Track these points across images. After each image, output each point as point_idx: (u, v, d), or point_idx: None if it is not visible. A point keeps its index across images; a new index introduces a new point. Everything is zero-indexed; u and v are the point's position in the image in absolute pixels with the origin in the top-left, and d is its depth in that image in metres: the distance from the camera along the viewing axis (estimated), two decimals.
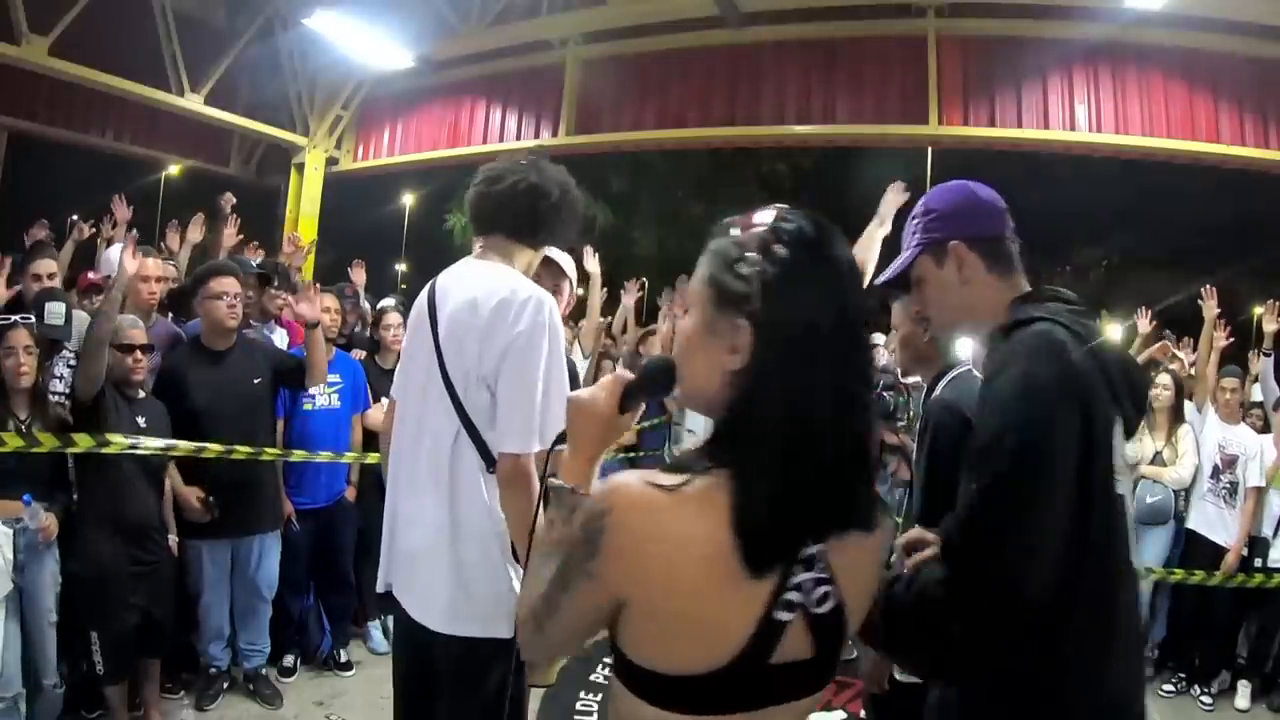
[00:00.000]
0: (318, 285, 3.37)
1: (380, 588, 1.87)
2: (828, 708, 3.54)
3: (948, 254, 1.29)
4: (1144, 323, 4.74)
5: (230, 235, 4.71)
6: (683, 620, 0.84)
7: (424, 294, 1.82)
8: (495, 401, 1.64)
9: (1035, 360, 1.14)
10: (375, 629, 3.96)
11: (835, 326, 0.86)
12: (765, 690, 0.87)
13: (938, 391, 1.81)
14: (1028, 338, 1.17)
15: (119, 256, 2.91)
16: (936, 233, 1.30)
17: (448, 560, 1.67)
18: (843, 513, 0.87)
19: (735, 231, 0.91)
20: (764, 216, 0.90)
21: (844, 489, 0.87)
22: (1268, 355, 4.38)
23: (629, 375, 1.02)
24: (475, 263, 1.79)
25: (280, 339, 3.93)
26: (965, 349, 1.83)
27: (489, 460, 1.66)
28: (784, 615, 0.85)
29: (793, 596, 0.85)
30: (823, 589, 0.87)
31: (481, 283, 1.69)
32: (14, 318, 2.80)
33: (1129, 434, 1.25)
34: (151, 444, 2.88)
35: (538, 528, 0.98)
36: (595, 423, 1.00)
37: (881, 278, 1.42)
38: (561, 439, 1.06)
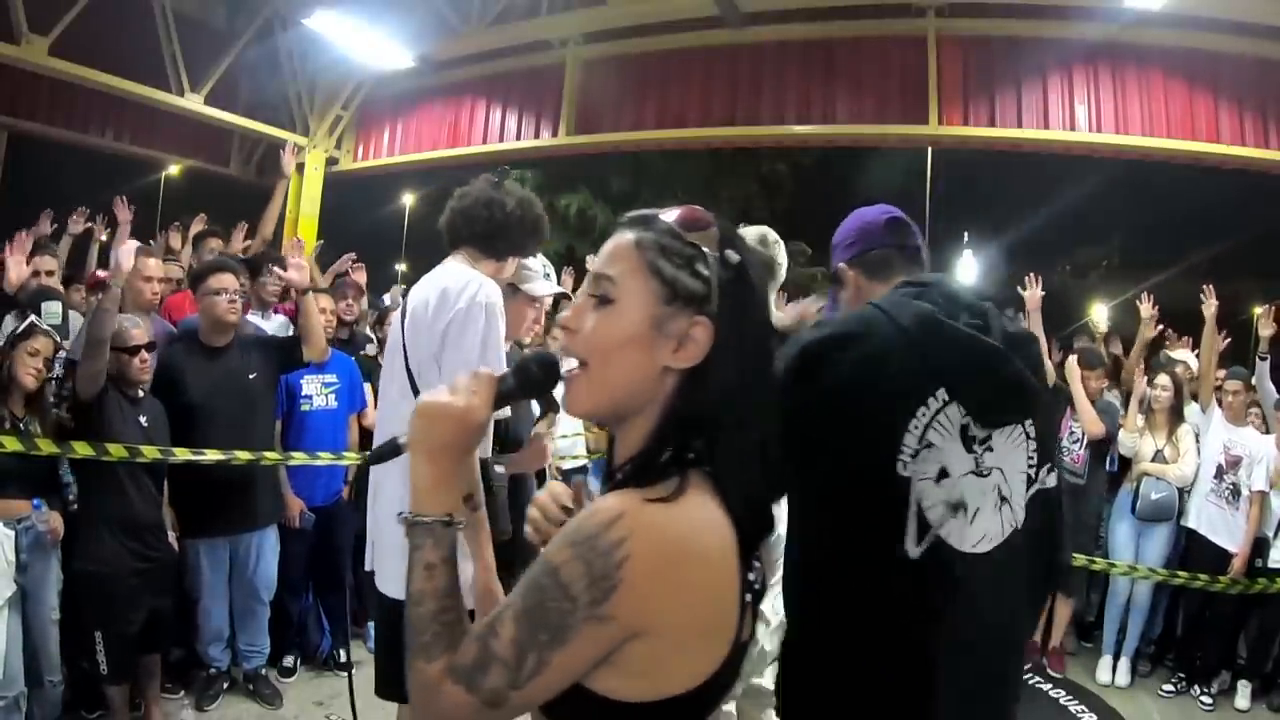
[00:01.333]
0: (301, 249, 3.45)
1: (366, 566, 2.05)
2: None
3: (841, 277, 1.47)
4: (1146, 307, 4.74)
5: (273, 216, 4.81)
6: (706, 626, 0.81)
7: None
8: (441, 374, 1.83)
9: (815, 332, 1.24)
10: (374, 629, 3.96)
11: (769, 328, 0.92)
12: (731, 679, 0.86)
13: None
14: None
15: (120, 255, 2.93)
16: (833, 263, 1.50)
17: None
18: (783, 488, 0.94)
19: (675, 228, 0.88)
20: (697, 215, 0.90)
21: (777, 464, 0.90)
22: (1263, 359, 4.38)
23: (496, 373, 0.92)
24: (437, 269, 2.00)
25: (279, 326, 3.91)
26: None
27: None
28: (748, 597, 0.85)
29: (751, 576, 0.86)
30: (758, 564, 0.88)
31: (435, 280, 1.93)
32: (32, 318, 2.83)
33: (988, 420, 1.20)
34: (151, 452, 2.89)
35: (414, 581, 0.83)
36: (462, 431, 0.87)
37: (826, 313, 1.59)
38: (392, 451, 0.93)
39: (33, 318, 2.84)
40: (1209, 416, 4.28)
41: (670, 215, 0.90)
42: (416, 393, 1.85)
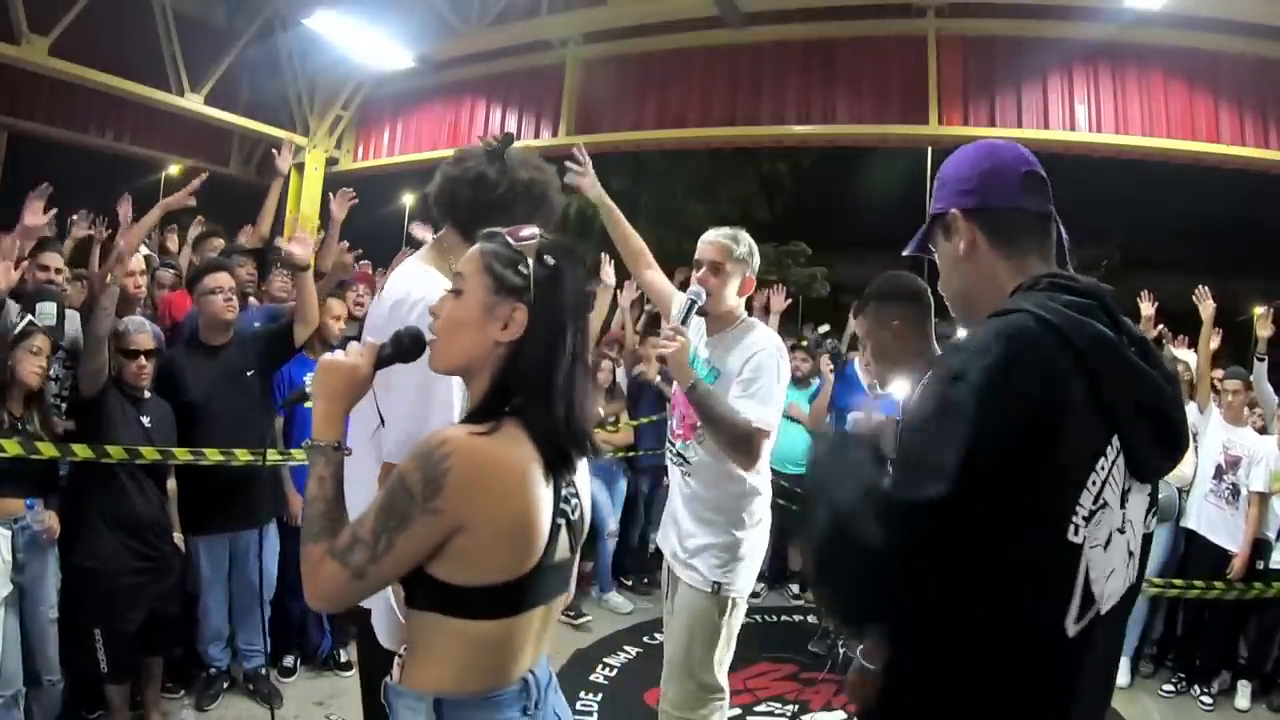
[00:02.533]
0: (320, 234, 3.38)
1: None
2: (827, 708, 3.55)
3: (951, 225, 1.13)
4: (1146, 305, 4.74)
5: (269, 214, 4.84)
6: (512, 528, 1.09)
7: None
8: (378, 403, 1.59)
9: (971, 352, 0.93)
10: None
11: (577, 315, 1.20)
12: (550, 585, 1.16)
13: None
14: (990, 324, 0.97)
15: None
16: (941, 201, 1.15)
17: None
18: (584, 440, 1.20)
19: (509, 240, 1.19)
20: (530, 231, 1.21)
21: (583, 421, 1.19)
22: (1261, 360, 4.36)
23: (377, 342, 1.24)
24: (409, 263, 1.75)
25: None
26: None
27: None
28: (560, 521, 1.15)
29: (565, 507, 1.16)
30: (575, 499, 1.20)
31: (395, 284, 1.68)
32: (29, 318, 2.80)
33: (1142, 473, 0.99)
34: (150, 453, 2.88)
35: (310, 488, 1.15)
36: (349, 382, 1.20)
37: (906, 249, 1.25)
38: (301, 396, 1.26)
39: (29, 317, 2.83)
40: (1207, 417, 4.28)
41: (510, 232, 1.20)
42: (376, 399, 1.60)
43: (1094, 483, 0.93)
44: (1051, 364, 0.91)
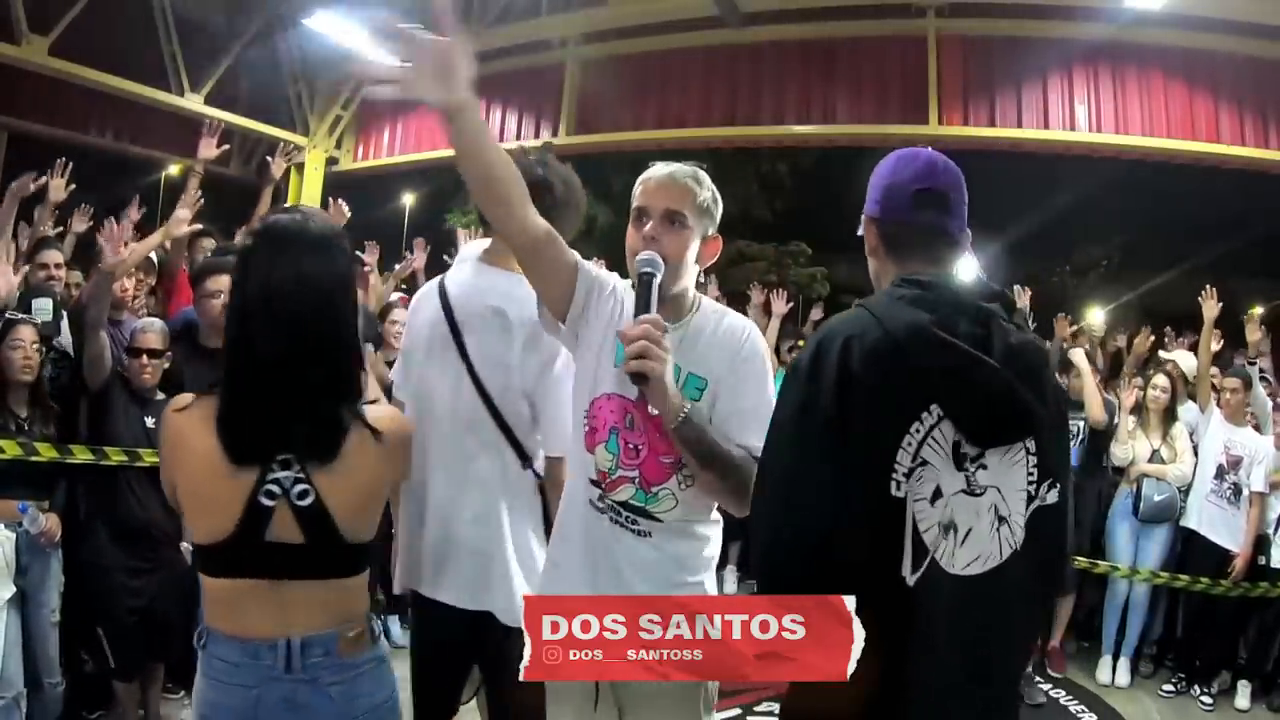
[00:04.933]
0: None
1: (399, 589, 1.89)
2: None
3: (864, 227, 1.30)
4: (1140, 338, 4.76)
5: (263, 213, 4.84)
6: (198, 499, 1.23)
7: (433, 296, 1.84)
8: (535, 410, 1.77)
9: (808, 344, 1.18)
10: (394, 622, 3.91)
11: (274, 299, 1.20)
12: (265, 561, 1.22)
13: None
14: (830, 319, 1.22)
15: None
16: (865, 202, 1.30)
17: (502, 554, 1.74)
18: (300, 438, 1.21)
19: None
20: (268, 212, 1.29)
21: (294, 417, 1.21)
22: (1252, 364, 4.34)
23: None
24: (486, 270, 1.80)
25: None
26: None
27: (524, 459, 1.78)
28: (267, 501, 1.20)
29: (273, 489, 1.20)
30: (301, 487, 1.21)
31: (503, 297, 1.73)
32: (19, 314, 2.79)
33: (984, 441, 1.12)
34: (150, 456, 2.87)
35: None
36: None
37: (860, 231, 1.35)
38: None
39: (8, 314, 2.79)
40: (1208, 416, 4.28)
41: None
42: (495, 413, 1.75)
43: (909, 444, 1.09)
44: (860, 346, 1.09)
